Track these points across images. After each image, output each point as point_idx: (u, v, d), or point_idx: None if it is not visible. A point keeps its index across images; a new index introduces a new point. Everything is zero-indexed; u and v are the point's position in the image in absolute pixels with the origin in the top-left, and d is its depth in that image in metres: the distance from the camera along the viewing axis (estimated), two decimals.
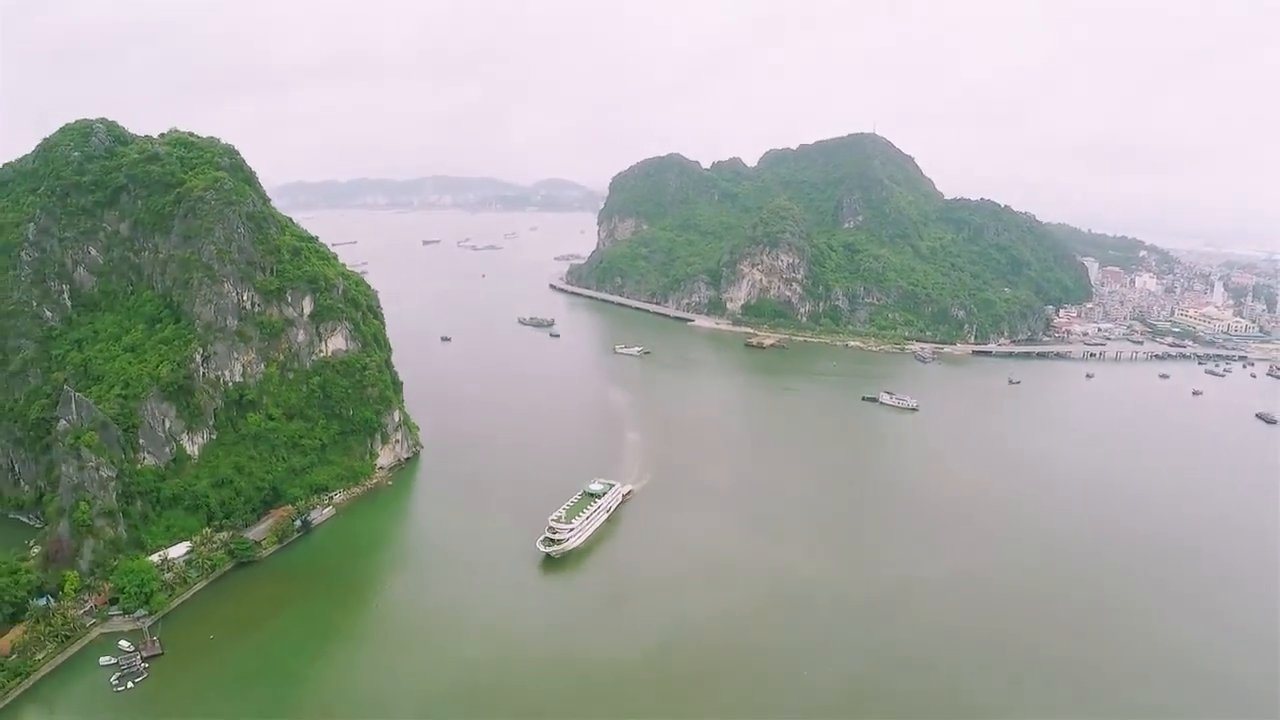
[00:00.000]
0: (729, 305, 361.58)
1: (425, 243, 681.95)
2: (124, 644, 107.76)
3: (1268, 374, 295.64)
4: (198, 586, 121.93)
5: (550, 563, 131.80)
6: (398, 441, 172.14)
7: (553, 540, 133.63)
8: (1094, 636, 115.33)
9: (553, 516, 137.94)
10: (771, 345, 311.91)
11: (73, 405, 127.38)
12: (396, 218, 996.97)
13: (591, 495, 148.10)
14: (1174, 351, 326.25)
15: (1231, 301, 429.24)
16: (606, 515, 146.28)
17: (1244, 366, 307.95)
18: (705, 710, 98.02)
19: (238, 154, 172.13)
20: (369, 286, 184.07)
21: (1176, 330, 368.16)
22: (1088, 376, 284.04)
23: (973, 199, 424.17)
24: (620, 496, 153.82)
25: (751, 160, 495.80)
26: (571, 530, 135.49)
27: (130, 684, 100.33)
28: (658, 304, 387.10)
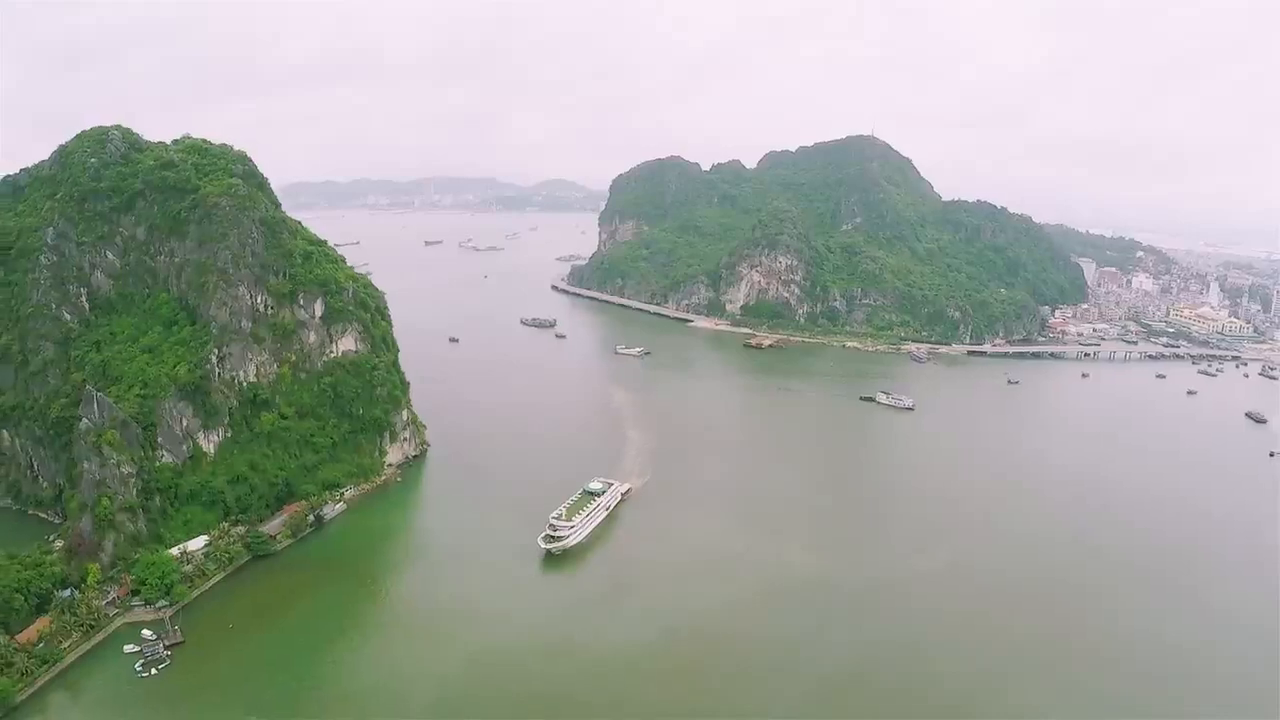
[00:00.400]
0: (728, 306, 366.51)
1: (427, 243, 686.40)
2: (147, 633, 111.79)
3: (1260, 374, 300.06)
4: (216, 579, 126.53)
5: (551, 559, 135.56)
6: (406, 440, 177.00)
7: (554, 537, 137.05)
8: (1086, 629, 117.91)
9: (553, 514, 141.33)
10: (770, 346, 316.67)
11: (94, 405, 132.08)
12: (398, 218, 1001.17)
13: (591, 494, 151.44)
14: (1168, 352, 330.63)
15: (1228, 302, 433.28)
16: (606, 513, 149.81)
17: (1237, 366, 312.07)
18: (704, 695, 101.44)
19: (250, 161, 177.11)
20: (377, 289, 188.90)
21: (1171, 331, 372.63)
22: (1083, 376, 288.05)
23: (970, 200, 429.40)
24: (619, 495, 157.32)
25: (751, 162, 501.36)
26: (572, 528, 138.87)
27: (154, 670, 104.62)
28: (658, 305, 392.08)
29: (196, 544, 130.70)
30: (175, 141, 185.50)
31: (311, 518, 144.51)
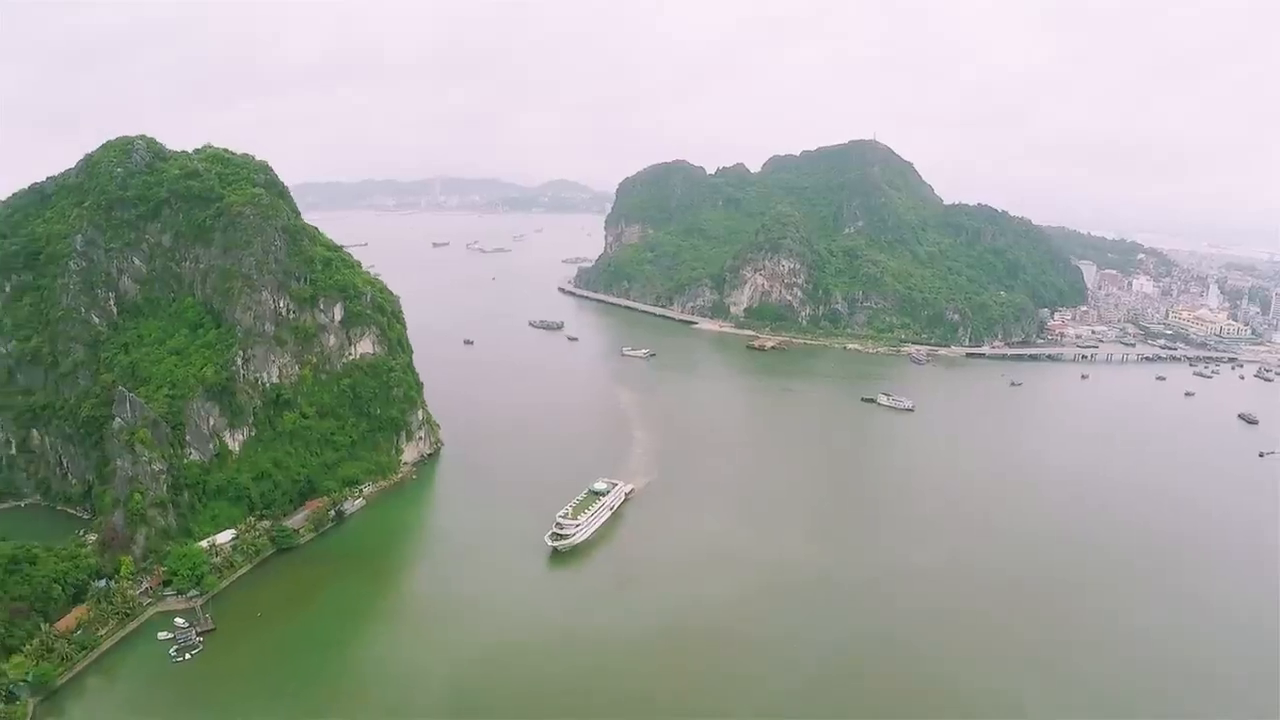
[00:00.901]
0: (732, 309, 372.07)
1: (435, 245, 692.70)
2: (179, 621, 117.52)
3: (1255, 376, 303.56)
4: (243, 570, 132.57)
5: (558, 556, 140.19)
6: (421, 438, 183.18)
7: (560, 535, 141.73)
8: (1084, 627, 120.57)
9: (559, 514, 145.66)
10: (773, 347, 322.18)
11: (127, 405, 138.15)
12: (404, 219, 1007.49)
13: (596, 494, 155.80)
14: (1164, 354, 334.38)
15: (1227, 304, 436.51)
16: (610, 512, 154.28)
17: (1233, 368, 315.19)
18: (704, 692, 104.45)
19: (271, 170, 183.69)
20: (392, 293, 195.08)
21: (1169, 333, 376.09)
22: (1083, 378, 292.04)
23: (970, 204, 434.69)
24: (623, 495, 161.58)
25: (755, 164, 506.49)
26: (577, 526, 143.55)
27: (188, 656, 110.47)
28: (663, 307, 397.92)
29: (224, 537, 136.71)
30: (197, 150, 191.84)
31: (332, 513, 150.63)
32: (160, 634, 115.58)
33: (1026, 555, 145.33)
